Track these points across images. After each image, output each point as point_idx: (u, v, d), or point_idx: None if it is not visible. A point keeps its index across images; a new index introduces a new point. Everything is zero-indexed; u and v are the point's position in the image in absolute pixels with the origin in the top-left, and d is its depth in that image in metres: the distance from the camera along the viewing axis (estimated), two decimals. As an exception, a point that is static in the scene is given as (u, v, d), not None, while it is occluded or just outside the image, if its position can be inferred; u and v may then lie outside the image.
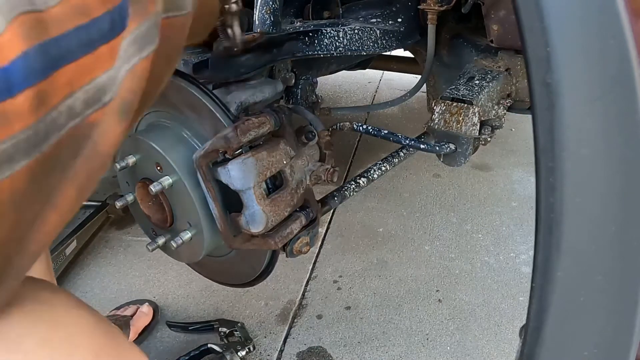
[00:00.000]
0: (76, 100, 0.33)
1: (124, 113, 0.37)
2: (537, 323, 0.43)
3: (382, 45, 1.11)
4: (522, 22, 0.37)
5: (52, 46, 0.31)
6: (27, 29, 0.30)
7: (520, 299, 1.48)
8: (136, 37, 0.37)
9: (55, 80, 0.32)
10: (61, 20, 0.32)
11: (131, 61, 0.37)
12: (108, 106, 0.36)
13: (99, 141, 0.36)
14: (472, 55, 1.08)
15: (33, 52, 0.30)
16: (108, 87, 0.35)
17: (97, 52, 0.34)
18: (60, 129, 0.33)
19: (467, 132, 0.90)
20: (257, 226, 0.73)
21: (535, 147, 0.39)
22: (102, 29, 0.34)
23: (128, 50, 0.36)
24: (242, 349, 1.25)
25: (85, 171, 0.36)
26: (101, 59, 0.34)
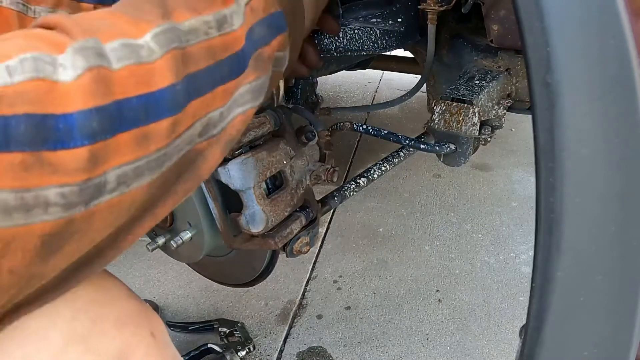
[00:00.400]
0: (194, 130, 0.38)
1: (227, 146, 0.43)
2: (537, 323, 0.43)
3: (382, 45, 1.11)
4: (522, 22, 0.37)
5: (190, 81, 0.37)
6: (176, 62, 0.36)
7: (520, 299, 1.48)
8: (253, 87, 0.43)
9: (186, 112, 0.37)
10: (197, 59, 0.38)
11: (245, 106, 0.43)
12: (215, 138, 0.41)
13: (200, 166, 0.42)
14: (472, 55, 1.08)
15: (179, 86, 0.36)
16: (218, 122, 0.41)
17: (216, 91, 0.39)
18: (179, 152, 0.38)
19: (467, 132, 0.90)
20: (257, 226, 0.73)
21: (535, 147, 0.39)
22: (223, 72, 0.40)
23: (245, 96, 0.43)
24: (242, 349, 1.25)
25: (184, 190, 0.41)
26: (217, 98, 0.40)
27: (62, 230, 0.33)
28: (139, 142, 0.34)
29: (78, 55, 0.31)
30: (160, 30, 0.36)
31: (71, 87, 0.31)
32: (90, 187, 0.32)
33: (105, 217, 0.35)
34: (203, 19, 0.39)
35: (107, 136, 0.32)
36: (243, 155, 0.70)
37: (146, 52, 0.34)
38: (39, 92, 0.30)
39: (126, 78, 0.33)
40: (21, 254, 0.32)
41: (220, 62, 0.40)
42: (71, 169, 0.31)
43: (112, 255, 0.40)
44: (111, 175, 0.33)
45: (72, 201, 0.32)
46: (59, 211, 0.31)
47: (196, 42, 0.38)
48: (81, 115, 0.31)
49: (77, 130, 0.31)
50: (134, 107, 0.33)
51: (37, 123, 0.29)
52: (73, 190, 0.31)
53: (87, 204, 0.33)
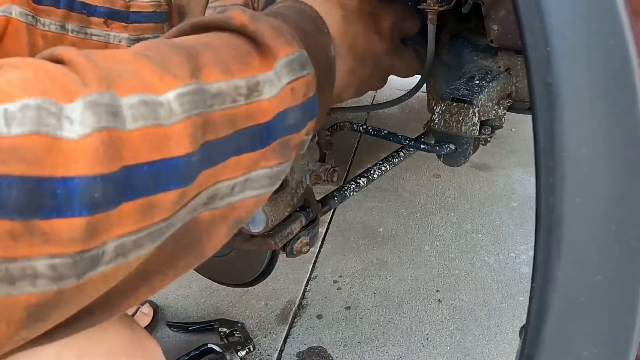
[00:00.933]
0: (199, 200, 0.35)
1: (234, 228, 0.40)
2: (537, 323, 0.43)
3: (382, 45, 1.11)
4: (522, 22, 0.37)
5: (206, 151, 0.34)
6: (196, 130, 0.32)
7: (520, 299, 1.48)
8: (274, 173, 0.40)
9: (194, 183, 0.34)
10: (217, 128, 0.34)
11: (261, 190, 0.40)
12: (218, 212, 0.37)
13: (205, 244, 0.38)
14: (472, 55, 1.08)
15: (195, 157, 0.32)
16: (226, 196, 0.37)
17: (228, 162, 0.36)
18: (181, 222, 0.35)
19: (467, 132, 0.90)
20: (257, 226, 0.73)
21: (535, 147, 0.39)
22: (240, 143, 0.36)
23: (262, 180, 0.39)
24: (242, 349, 1.25)
25: (185, 265, 0.38)
26: (227, 168, 0.36)
27: (49, 302, 0.29)
28: (143, 213, 0.31)
29: (89, 112, 0.28)
30: (186, 91, 0.32)
31: (76, 147, 0.27)
32: (85, 259, 0.29)
33: (98, 286, 0.32)
34: (235, 83, 0.36)
35: (110, 207, 0.29)
36: (243, 155, 0.70)
37: (166, 112, 0.31)
38: (38, 150, 0.26)
39: (140, 141, 0.30)
40: (5, 325, 0.28)
41: (239, 132, 0.36)
42: (65, 239, 0.27)
43: (103, 318, 0.36)
44: (109, 247, 0.30)
45: (63, 274, 0.28)
46: (47, 283, 0.28)
47: (221, 108, 0.34)
48: (83, 182, 0.27)
49: (76, 198, 0.27)
50: (144, 175, 0.30)
51: (32, 188, 0.26)
52: (65, 263, 0.28)
53: (80, 276, 0.29)
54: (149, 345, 0.49)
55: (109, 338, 0.44)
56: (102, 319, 0.36)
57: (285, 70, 0.39)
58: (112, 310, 0.36)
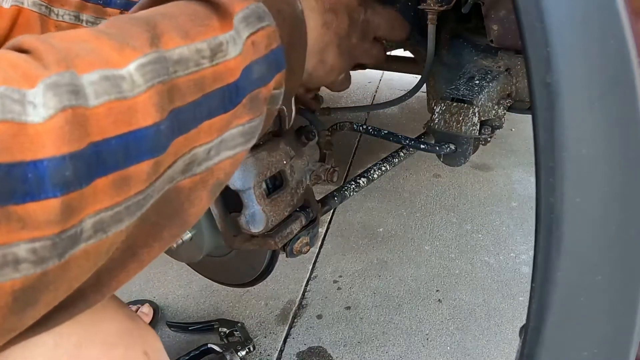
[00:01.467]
0: (176, 168, 0.35)
1: (214, 191, 0.40)
2: (537, 323, 0.43)
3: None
4: (522, 22, 0.37)
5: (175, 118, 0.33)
6: (161, 98, 0.32)
7: (520, 299, 1.48)
8: (246, 130, 0.40)
9: (169, 151, 0.34)
10: (184, 93, 0.34)
11: (236, 149, 0.40)
12: (197, 178, 0.38)
13: (187, 211, 0.38)
14: (472, 55, 1.08)
15: (163, 125, 0.32)
16: (203, 161, 0.37)
17: (202, 126, 0.36)
18: (159, 192, 0.35)
19: (467, 132, 0.90)
20: (257, 226, 0.73)
21: (535, 147, 0.39)
22: (211, 105, 0.36)
23: (237, 139, 0.39)
24: (242, 349, 1.25)
25: (170, 235, 0.38)
26: (202, 133, 0.36)
27: (35, 285, 0.29)
28: (117, 187, 0.31)
29: (50, 93, 0.28)
30: (146, 61, 0.32)
31: (42, 130, 0.27)
32: (64, 239, 0.29)
33: (82, 264, 0.32)
34: (196, 46, 0.35)
35: (82, 185, 0.29)
36: (243, 155, 0.70)
37: (128, 85, 0.31)
38: (5, 136, 0.26)
39: (105, 116, 0.30)
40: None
41: (208, 94, 0.36)
42: (42, 221, 0.27)
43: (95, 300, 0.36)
44: (87, 223, 0.30)
45: (44, 256, 0.28)
46: (30, 267, 0.28)
47: (185, 73, 0.34)
48: (53, 163, 0.27)
49: (48, 180, 0.27)
50: (113, 149, 0.30)
51: (3, 174, 0.26)
52: (45, 245, 0.28)
53: (61, 256, 0.29)
54: (148, 335, 0.49)
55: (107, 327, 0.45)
56: (95, 300, 0.36)
57: (243, 24, 0.39)
58: (103, 290, 0.36)
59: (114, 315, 0.47)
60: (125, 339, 0.46)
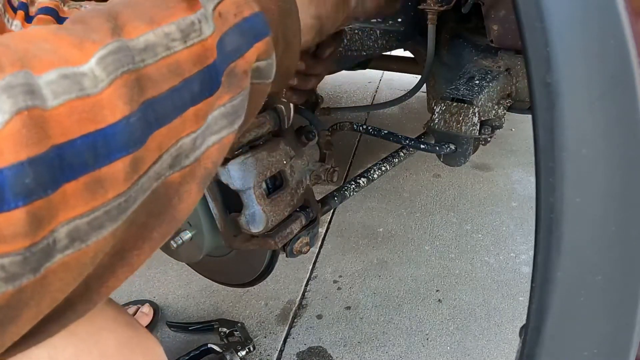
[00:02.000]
0: (163, 163, 0.33)
1: (204, 182, 0.37)
2: (537, 323, 0.43)
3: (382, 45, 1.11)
4: (522, 22, 0.37)
5: (150, 109, 0.31)
6: (128, 90, 0.30)
7: (520, 299, 1.48)
8: (228, 110, 0.37)
9: (148, 146, 0.31)
10: (157, 81, 0.31)
11: (221, 133, 0.37)
12: (188, 169, 0.35)
13: (176, 207, 0.36)
14: (472, 55, 1.08)
15: (134, 117, 0.30)
16: (191, 151, 0.35)
17: (185, 115, 0.33)
18: (145, 192, 0.33)
19: (467, 132, 0.90)
20: (257, 226, 0.73)
21: (535, 147, 0.39)
22: (193, 90, 0.34)
23: (219, 122, 0.36)
24: (242, 349, 1.25)
25: (161, 234, 0.36)
26: (187, 122, 0.34)
27: (11, 303, 0.27)
28: (91, 191, 0.28)
29: (4, 96, 0.25)
30: (106, 52, 0.30)
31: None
32: (35, 253, 0.27)
33: (63, 276, 0.30)
34: (163, 30, 0.33)
35: (47, 192, 0.26)
36: (243, 155, 0.70)
37: (90, 81, 0.28)
38: None
39: (66, 116, 0.27)
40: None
41: (188, 79, 0.33)
42: (8, 235, 0.25)
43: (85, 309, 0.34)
44: (60, 233, 0.28)
45: (15, 272, 0.26)
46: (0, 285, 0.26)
47: (155, 60, 0.32)
48: (12, 171, 0.25)
49: (8, 190, 0.25)
50: (78, 150, 0.27)
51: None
52: (14, 261, 0.26)
53: (35, 271, 0.27)
54: (149, 343, 0.48)
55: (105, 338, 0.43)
56: (86, 310, 0.34)
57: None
58: (92, 298, 0.34)
59: (112, 324, 0.45)
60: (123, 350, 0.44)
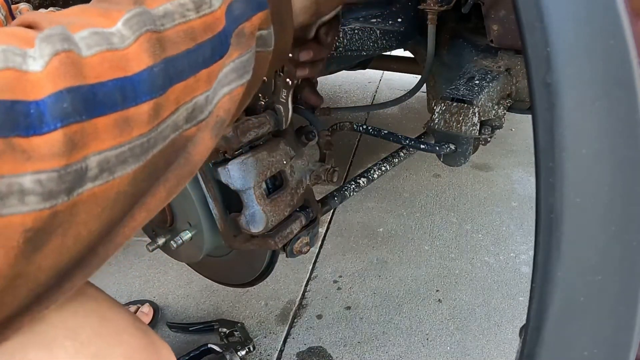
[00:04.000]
0: (179, 115, 0.37)
1: (216, 129, 0.41)
2: (537, 323, 0.43)
3: (382, 45, 1.11)
4: (522, 22, 0.37)
5: (170, 65, 0.36)
6: (151, 45, 0.35)
7: (520, 299, 1.48)
8: (237, 65, 0.41)
9: (168, 96, 0.36)
10: (175, 43, 0.37)
11: (231, 85, 0.41)
12: (203, 122, 0.40)
13: (192, 152, 0.40)
14: (472, 55, 1.08)
15: (157, 68, 0.35)
16: (205, 107, 0.40)
17: (199, 75, 0.38)
18: (165, 139, 0.37)
19: (467, 132, 0.90)
20: (257, 226, 0.73)
21: (535, 147, 0.39)
22: (205, 54, 0.39)
23: (229, 75, 0.41)
24: (242, 349, 1.25)
25: (176, 177, 0.40)
26: (201, 81, 0.38)
27: (44, 226, 0.31)
28: (119, 127, 0.33)
29: (44, 43, 0.31)
30: (131, 15, 0.35)
31: (41, 75, 0.30)
32: (69, 173, 0.31)
33: (90, 208, 0.33)
34: (179, 1, 0.38)
35: (82, 118, 0.31)
36: (243, 155, 0.70)
37: (118, 39, 0.33)
38: (10, 79, 0.29)
39: (99, 64, 0.32)
40: (3, 251, 0.30)
41: (201, 44, 0.38)
42: (46, 154, 0.29)
43: (106, 253, 0.37)
44: (92, 161, 0.32)
45: (51, 189, 0.30)
46: (38, 201, 0.30)
47: (172, 25, 0.37)
48: (52, 98, 0.30)
49: (48, 113, 0.29)
50: (109, 90, 0.32)
51: (7, 109, 0.28)
52: (51, 177, 0.30)
53: (69, 193, 0.31)
54: (163, 350, 0.50)
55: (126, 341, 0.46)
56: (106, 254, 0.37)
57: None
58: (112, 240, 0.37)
59: (132, 330, 0.47)
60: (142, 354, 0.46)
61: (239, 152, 0.71)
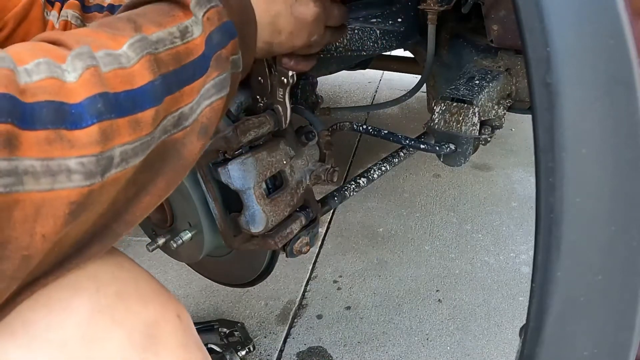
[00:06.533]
0: (168, 122, 0.46)
1: (201, 133, 0.50)
2: (537, 323, 0.43)
3: (382, 45, 1.11)
4: (522, 22, 0.37)
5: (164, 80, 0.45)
6: (150, 65, 0.44)
7: (520, 299, 1.48)
8: (216, 83, 0.51)
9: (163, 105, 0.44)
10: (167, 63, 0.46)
11: (211, 98, 0.50)
12: (188, 128, 0.48)
13: (182, 152, 0.49)
14: (472, 55, 1.08)
15: (157, 82, 0.44)
16: (189, 115, 0.48)
17: (184, 90, 0.47)
18: (157, 140, 0.45)
19: (467, 132, 0.90)
20: (257, 226, 0.73)
21: (535, 147, 0.39)
22: (188, 74, 0.47)
23: (210, 90, 0.50)
24: (242, 349, 1.25)
25: (172, 171, 0.48)
26: (185, 95, 0.47)
27: (84, 201, 0.39)
28: (133, 127, 0.41)
29: (76, 60, 0.39)
30: (134, 41, 0.43)
31: (77, 85, 0.38)
32: (104, 158, 0.39)
33: (110, 190, 0.41)
34: (168, 30, 0.47)
35: (111, 116, 0.39)
36: (243, 155, 0.70)
37: (125, 59, 0.42)
38: (55, 87, 0.37)
39: (113, 78, 0.40)
40: (52, 220, 0.37)
41: (185, 65, 0.47)
42: (86, 143, 0.37)
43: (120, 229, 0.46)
44: (117, 152, 0.40)
45: (90, 170, 0.38)
46: (81, 179, 0.37)
47: (164, 49, 0.46)
48: (88, 100, 0.38)
49: (86, 112, 0.38)
50: (124, 99, 0.41)
51: (56, 107, 0.36)
52: (91, 160, 0.38)
53: (103, 174, 0.39)
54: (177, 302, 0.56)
55: (144, 286, 0.52)
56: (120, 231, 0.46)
57: (197, 8, 0.50)
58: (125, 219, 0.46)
59: (147, 279, 0.54)
60: (159, 298, 0.52)
61: (239, 152, 0.71)
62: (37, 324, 0.43)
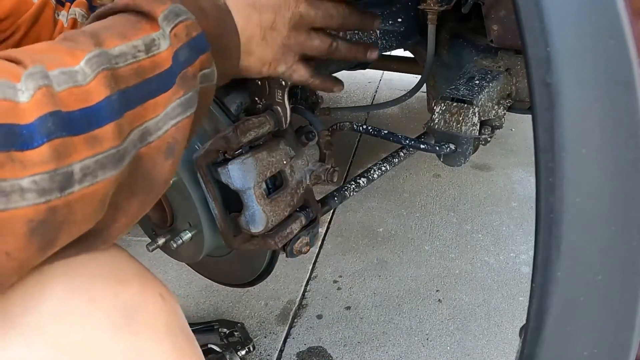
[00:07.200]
0: (134, 135, 0.45)
1: (168, 153, 0.49)
2: (537, 323, 0.43)
3: (382, 45, 1.11)
4: (522, 22, 0.37)
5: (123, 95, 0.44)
6: (107, 80, 0.43)
7: (520, 299, 1.48)
8: (182, 102, 0.50)
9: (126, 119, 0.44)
10: (127, 78, 0.45)
11: (177, 118, 0.50)
12: (153, 145, 0.48)
13: (151, 172, 0.48)
14: (472, 55, 1.08)
15: (114, 97, 0.43)
16: (154, 131, 0.47)
17: (146, 104, 0.46)
18: (130, 154, 0.45)
19: (467, 132, 0.90)
20: (257, 226, 0.73)
21: (535, 147, 0.39)
22: (151, 88, 0.47)
23: (176, 109, 0.49)
24: (242, 349, 1.25)
25: (144, 191, 0.49)
26: (149, 109, 0.47)
27: (46, 218, 0.38)
28: (91, 143, 0.41)
29: (29, 80, 0.39)
30: (92, 56, 0.43)
31: (29, 105, 0.38)
32: (59, 174, 0.38)
33: (84, 207, 0.41)
34: (132, 43, 0.46)
35: (62, 134, 0.39)
36: (243, 155, 0.70)
37: (81, 76, 0.42)
38: (6, 108, 0.37)
39: (67, 97, 0.40)
40: (12, 238, 0.37)
41: (148, 79, 0.47)
42: (38, 162, 0.37)
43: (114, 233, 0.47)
44: (76, 167, 0.40)
45: (44, 187, 0.38)
46: (34, 197, 0.37)
47: (125, 64, 0.45)
48: (38, 120, 0.38)
49: (37, 132, 0.37)
50: (78, 117, 0.41)
51: (6, 130, 0.36)
52: (43, 178, 0.38)
53: (61, 191, 0.39)
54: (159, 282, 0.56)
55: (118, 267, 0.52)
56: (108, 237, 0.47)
57: (165, 22, 0.49)
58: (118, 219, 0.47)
59: (126, 259, 0.54)
60: (139, 279, 0.52)
61: (239, 152, 0.71)
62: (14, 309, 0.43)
